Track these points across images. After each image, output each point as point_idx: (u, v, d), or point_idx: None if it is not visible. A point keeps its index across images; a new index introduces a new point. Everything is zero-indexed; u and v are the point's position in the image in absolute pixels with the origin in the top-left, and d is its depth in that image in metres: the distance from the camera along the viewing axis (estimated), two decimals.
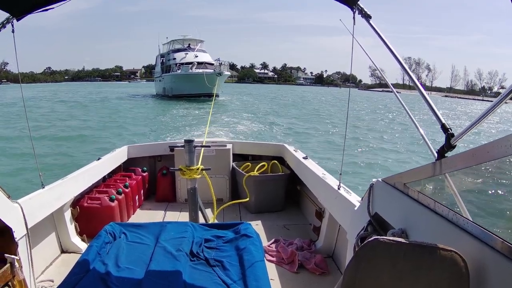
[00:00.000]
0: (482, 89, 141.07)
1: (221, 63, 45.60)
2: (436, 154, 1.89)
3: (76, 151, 15.39)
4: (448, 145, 1.82)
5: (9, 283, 2.68)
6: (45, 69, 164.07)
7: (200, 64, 48.10)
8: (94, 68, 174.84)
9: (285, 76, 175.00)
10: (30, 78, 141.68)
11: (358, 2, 2.68)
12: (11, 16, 2.72)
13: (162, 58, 58.39)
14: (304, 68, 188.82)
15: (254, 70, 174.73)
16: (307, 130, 24.23)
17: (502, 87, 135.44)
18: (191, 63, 48.08)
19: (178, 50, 53.69)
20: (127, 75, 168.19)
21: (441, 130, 1.86)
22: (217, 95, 44.88)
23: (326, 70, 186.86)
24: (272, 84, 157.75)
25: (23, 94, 3.82)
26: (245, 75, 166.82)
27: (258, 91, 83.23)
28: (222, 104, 39.46)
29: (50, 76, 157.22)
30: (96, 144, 16.92)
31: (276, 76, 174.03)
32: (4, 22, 2.72)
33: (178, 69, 48.65)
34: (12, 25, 2.78)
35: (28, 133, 4.13)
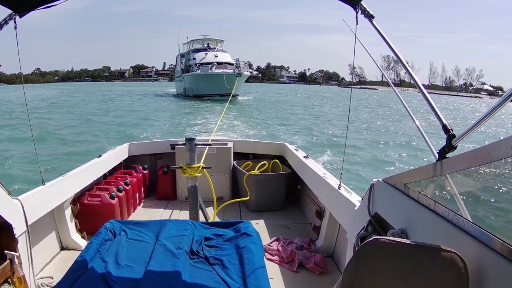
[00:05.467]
0: (463, 85, 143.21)
1: (244, 63, 45.44)
2: (437, 155, 1.89)
3: None
4: (449, 146, 1.81)
5: (9, 280, 2.68)
6: (34, 70, 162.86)
7: (219, 64, 47.99)
8: (82, 68, 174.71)
9: (269, 74, 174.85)
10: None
11: (361, 2, 2.68)
12: (13, 13, 2.72)
13: (182, 58, 58.77)
14: (288, 66, 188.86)
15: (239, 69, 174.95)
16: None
17: (483, 83, 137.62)
18: (210, 63, 47.95)
19: (198, 50, 53.75)
20: (116, 76, 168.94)
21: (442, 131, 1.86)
22: (236, 95, 44.91)
23: (309, 69, 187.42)
24: (257, 82, 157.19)
25: (25, 93, 3.81)
26: None
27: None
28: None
29: (41, 77, 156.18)
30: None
31: (260, 75, 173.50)
32: (7, 19, 2.72)
33: (198, 69, 48.57)
34: (15, 22, 2.77)
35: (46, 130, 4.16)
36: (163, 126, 22.84)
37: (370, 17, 2.65)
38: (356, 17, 2.79)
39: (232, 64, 47.76)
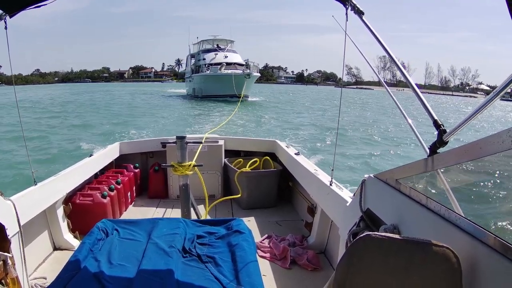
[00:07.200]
0: (460, 85, 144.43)
1: (252, 64, 45.24)
2: (428, 150, 1.89)
3: None
4: (441, 141, 1.81)
5: (2, 281, 2.66)
6: (34, 71, 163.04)
7: (229, 64, 47.52)
8: (81, 69, 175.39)
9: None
10: (23, 80, 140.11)
11: None
12: (4, 13, 2.69)
13: (192, 58, 58.50)
14: (286, 67, 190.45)
15: None
16: None
17: (480, 83, 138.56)
18: (220, 63, 47.48)
19: (208, 51, 53.40)
20: (116, 76, 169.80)
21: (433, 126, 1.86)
22: (246, 96, 44.41)
23: (306, 69, 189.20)
24: (254, 83, 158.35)
25: (16, 95, 3.80)
26: None
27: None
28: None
29: (41, 77, 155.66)
30: None
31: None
32: None
33: (208, 70, 48.13)
34: (5, 22, 2.75)
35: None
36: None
37: (360, 13, 2.66)
38: (346, 14, 2.79)
39: (242, 65, 47.24)
